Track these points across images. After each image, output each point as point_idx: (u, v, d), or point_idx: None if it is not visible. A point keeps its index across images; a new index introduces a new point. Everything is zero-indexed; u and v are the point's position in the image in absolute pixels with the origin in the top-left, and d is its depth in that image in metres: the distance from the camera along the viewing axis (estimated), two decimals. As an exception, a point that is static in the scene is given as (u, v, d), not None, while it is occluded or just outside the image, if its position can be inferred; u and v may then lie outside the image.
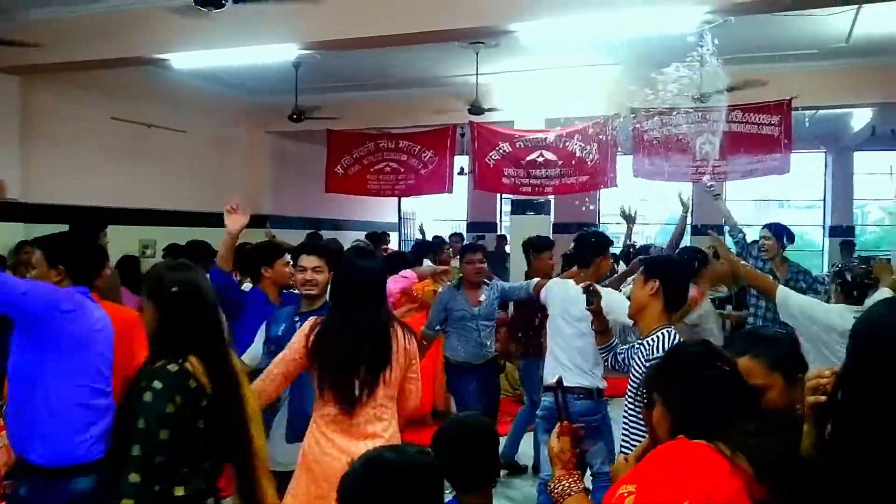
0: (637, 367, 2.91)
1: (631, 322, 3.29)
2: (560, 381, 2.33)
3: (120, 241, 7.67)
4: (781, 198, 15.16)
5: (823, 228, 13.96)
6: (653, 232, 16.25)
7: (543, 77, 8.97)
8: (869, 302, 4.05)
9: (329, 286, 3.30)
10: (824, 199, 14.00)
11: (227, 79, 9.49)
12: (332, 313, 3.00)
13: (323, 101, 9.66)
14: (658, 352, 2.79)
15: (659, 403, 1.77)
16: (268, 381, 2.98)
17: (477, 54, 7.95)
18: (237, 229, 3.91)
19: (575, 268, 4.64)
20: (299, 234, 10.21)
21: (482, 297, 5.27)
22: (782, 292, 4.01)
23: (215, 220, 9.74)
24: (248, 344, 3.66)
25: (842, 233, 13.01)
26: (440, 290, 5.69)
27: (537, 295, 4.85)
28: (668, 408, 1.74)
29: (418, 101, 9.88)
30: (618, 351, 3.36)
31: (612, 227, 15.80)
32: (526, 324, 5.66)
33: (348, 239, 9.38)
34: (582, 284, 3.39)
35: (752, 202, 14.96)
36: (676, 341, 2.83)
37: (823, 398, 1.63)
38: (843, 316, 3.80)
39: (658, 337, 2.86)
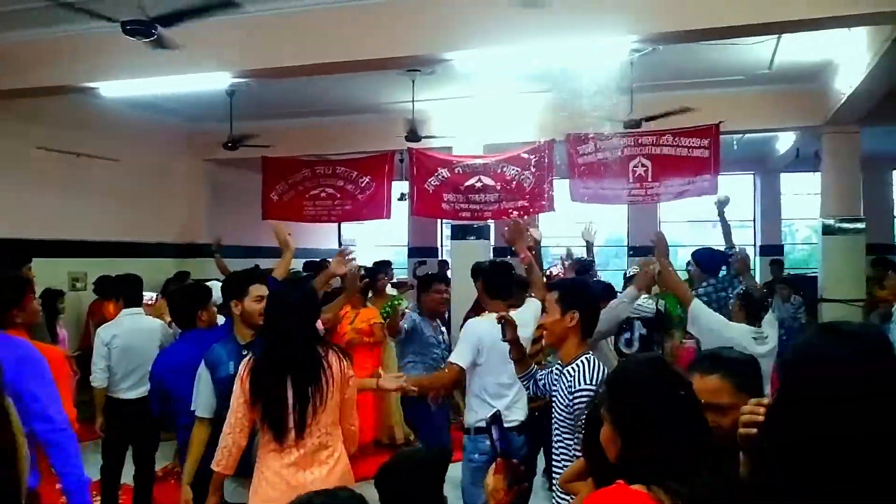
0: (561, 399, 2.86)
1: None
2: (496, 415, 2.25)
3: (48, 274, 7.43)
4: (713, 218, 15.51)
5: (754, 247, 14.38)
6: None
7: (480, 103, 9.07)
8: (765, 324, 4.25)
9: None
10: (754, 219, 14.45)
11: (161, 106, 9.32)
12: (263, 350, 2.99)
13: (259, 128, 9.57)
14: (581, 383, 2.76)
15: (607, 422, 1.71)
16: (234, 434, 3.00)
17: (413, 81, 8.01)
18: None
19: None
20: (238, 262, 10.05)
21: (443, 328, 5.31)
22: (696, 306, 4.24)
23: (149, 250, 9.68)
24: None
25: (771, 251, 13.42)
26: (407, 316, 5.61)
27: None
28: (618, 428, 1.68)
29: (356, 128, 9.88)
30: (538, 377, 3.30)
31: (553, 250, 16.03)
32: None
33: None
34: (496, 315, 3.31)
35: (686, 223, 15.32)
36: (597, 367, 2.82)
37: (754, 430, 1.68)
38: (743, 335, 4.06)
39: (579, 365, 2.83)
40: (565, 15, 5.13)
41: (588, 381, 2.74)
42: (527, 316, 4.02)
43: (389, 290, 7.86)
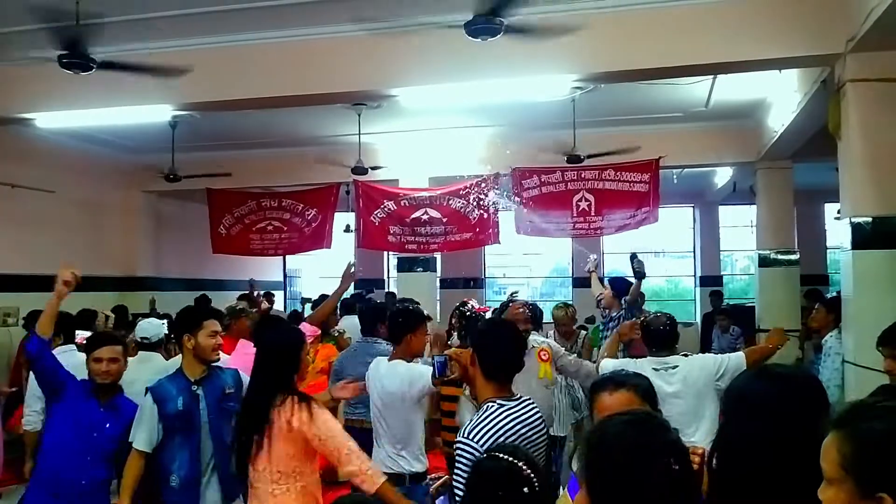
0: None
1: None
2: (446, 482, 1.98)
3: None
4: (657, 250, 15.84)
5: (694, 278, 14.70)
6: (538, 283, 16.66)
7: (426, 137, 9.13)
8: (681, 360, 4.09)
9: None
10: (694, 251, 14.78)
11: (100, 137, 9.13)
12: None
13: (203, 159, 9.46)
14: (463, 433, 2.50)
15: (583, 487, 1.56)
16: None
17: (359, 115, 8.02)
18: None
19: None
20: (183, 295, 9.86)
21: None
22: (603, 363, 4.14)
23: (87, 283, 9.35)
24: None
25: (711, 282, 13.73)
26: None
27: None
28: (592, 496, 1.53)
29: (301, 161, 9.82)
30: None
31: (500, 281, 16.15)
32: None
33: (232, 300, 9.12)
34: (449, 352, 3.21)
35: (629, 254, 15.55)
36: (490, 420, 2.53)
37: None
38: (643, 367, 3.82)
39: (477, 414, 2.58)
40: (508, 53, 5.21)
41: (467, 434, 2.48)
42: None
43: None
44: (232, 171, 9.71)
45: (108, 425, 3.62)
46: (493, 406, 2.56)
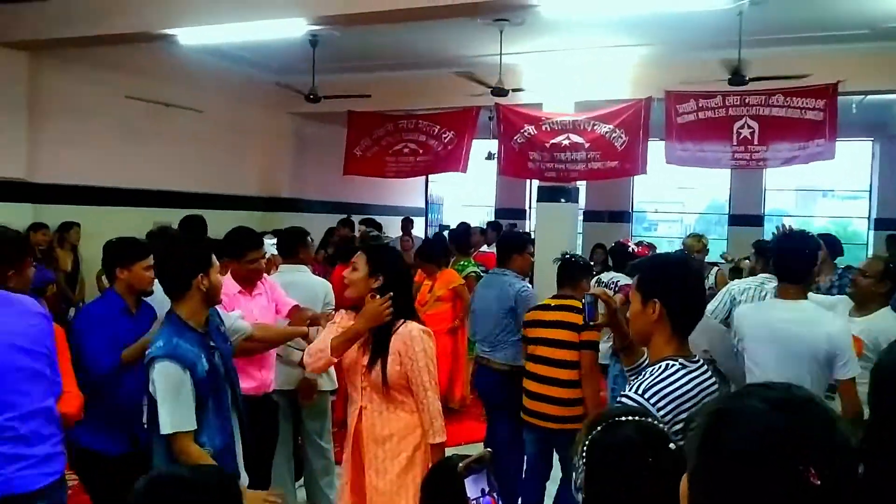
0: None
1: None
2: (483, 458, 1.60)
3: (132, 223, 7.47)
4: (824, 187, 14.54)
5: (868, 220, 13.34)
6: (692, 220, 15.78)
7: (572, 58, 8.57)
8: None
9: None
10: (870, 190, 13.36)
11: (246, 58, 9.22)
12: None
13: (344, 81, 9.36)
14: (632, 388, 2.14)
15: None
16: None
17: (501, 32, 7.57)
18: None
19: None
20: (321, 218, 10.00)
21: None
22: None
23: (232, 202, 9.68)
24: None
25: (890, 225, 12.37)
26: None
27: None
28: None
29: (442, 82, 9.50)
30: None
31: (650, 216, 15.41)
32: None
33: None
34: (596, 291, 2.68)
35: (793, 192, 14.40)
36: (671, 378, 2.11)
37: None
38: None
39: (651, 371, 2.16)
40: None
41: (641, 391, 2.08)
42: None
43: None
44: (372, 94, 9.56)
45: None
46: (674, 366, 2.13)
